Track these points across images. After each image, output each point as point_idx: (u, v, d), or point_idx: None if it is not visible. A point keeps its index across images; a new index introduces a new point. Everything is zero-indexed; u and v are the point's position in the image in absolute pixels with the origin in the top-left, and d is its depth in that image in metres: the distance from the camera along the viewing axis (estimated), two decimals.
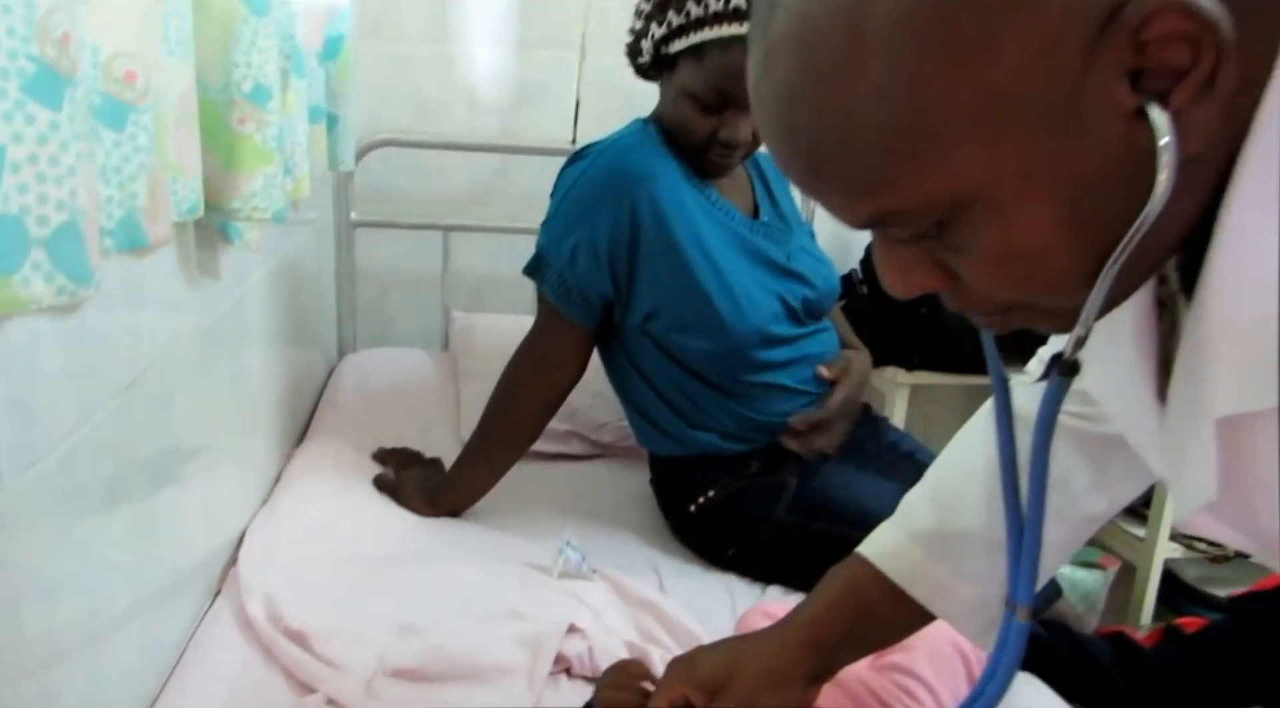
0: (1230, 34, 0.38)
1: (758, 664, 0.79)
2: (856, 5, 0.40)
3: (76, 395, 0.79)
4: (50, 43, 0.51)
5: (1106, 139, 0.41)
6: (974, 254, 0.45)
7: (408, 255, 2.00)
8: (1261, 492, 0.50)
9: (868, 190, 0.44)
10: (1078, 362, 0.51)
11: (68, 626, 0.80)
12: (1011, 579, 0.66)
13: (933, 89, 0.40)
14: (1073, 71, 0.39)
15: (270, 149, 0.96)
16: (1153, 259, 0.46)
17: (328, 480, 1.42)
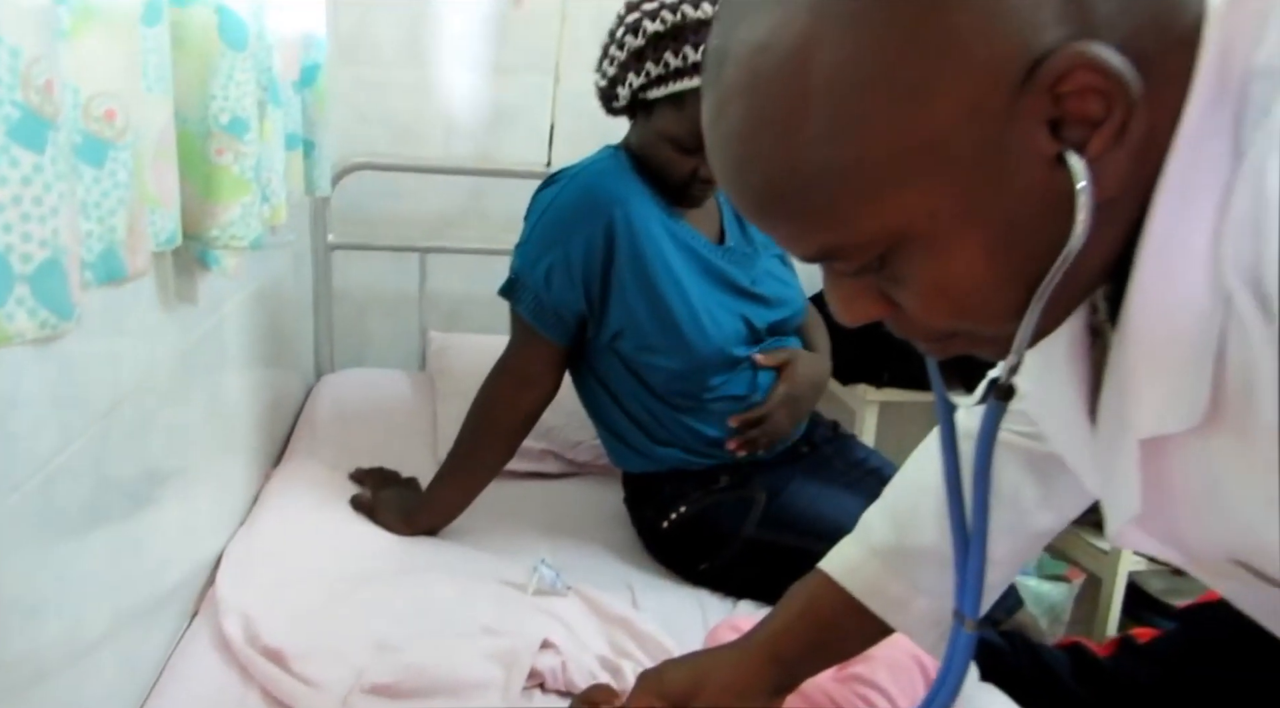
0: (1138, 89, 0.42)
1: (723, 677, 0.81)
2: (800, 60, 0.43)
3: (57, 422, 0.81)
4: (34, 89, 0.54)
5: (1031, 182, 0.44)
6: (913, 286, 0.49)
7: (385, 277, 2.02)
8: (1183, 507, 0.53)
9: (814, 228, 0.48)
10: (1013, 386, 0.55)
11: (49, 646, 0.82)
12: (958, 592, 0.69)
13: (871, 136, 0.43)
14: (999, 121, 0.43)
15: (247, 179, 0.99)
16: (1078, 291, 0.50)
17: (305, 501, 1.44)
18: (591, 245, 1.28)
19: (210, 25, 0.91)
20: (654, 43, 1.23)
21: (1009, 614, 1.35)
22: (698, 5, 1.23)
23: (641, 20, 1.25)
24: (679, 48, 1.22)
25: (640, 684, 0.83)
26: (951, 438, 0.68)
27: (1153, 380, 0.47)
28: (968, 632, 0.69)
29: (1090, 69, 0.41)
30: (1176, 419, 0.47)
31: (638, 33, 1.25)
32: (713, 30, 0.49)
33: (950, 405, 0.66)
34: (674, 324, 1.31)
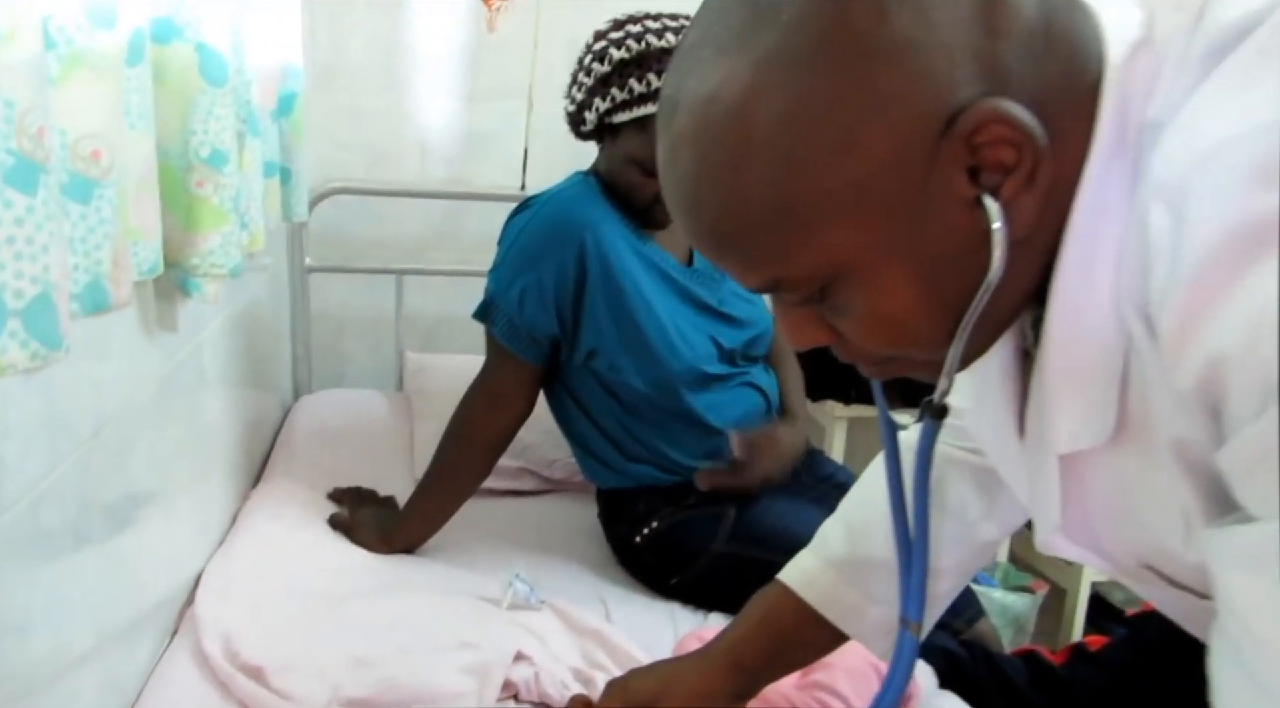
0: (1044, 140, 0.46)
1: (685, 686, 0.85)
2: (743, 112, 0.48)
3: (44, 447, 0.84)
4: (27, 137, 0.57)
5: (953, 222, 0.49)
6: (851, 315, 0.53)
7: (362, 299, 2.06)
8: (1099, 516, 0.58)
9: (759, 263, 0.52)
10: (946, 406, 0.59)
11: (35, 664, 0.85)
12: (903, 598, 0.73)
13: (807, 181, 0.48)
14: (922, 167, 0.47)
15: (227, 209, 1.02)
16: (1001, 319, 0.54)
17: (283, 520, 1.46)
18: (563, 269, 1.32)
19: (190, 63, 0.95)
20: (620, 69, 1.28)
21: (969, 624, 1.39)
22: (661, 35, 1.28)
23: (608, 48, 1.30)
24: (643, 74, 1.27)
25: (607, 692, 0.87)
26: (894, 453, 0.72)
27: (1067, 401, 0.52)
28: (912, 636, 0.73)
29: (1001, 122, 0.46)
30: (1088, 436, 0.52)
31: (604, 60, 1.30)
32: (666, 80, 0.53)
33: (893, 423, 0.71)
34: (645, 343, 1.35)
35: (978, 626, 1.41)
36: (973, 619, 1.41)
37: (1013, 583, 2.06)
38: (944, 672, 1.22)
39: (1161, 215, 0.43)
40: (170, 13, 0.93)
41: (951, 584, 0.85)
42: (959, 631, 1.38)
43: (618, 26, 1.32)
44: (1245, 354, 0.38)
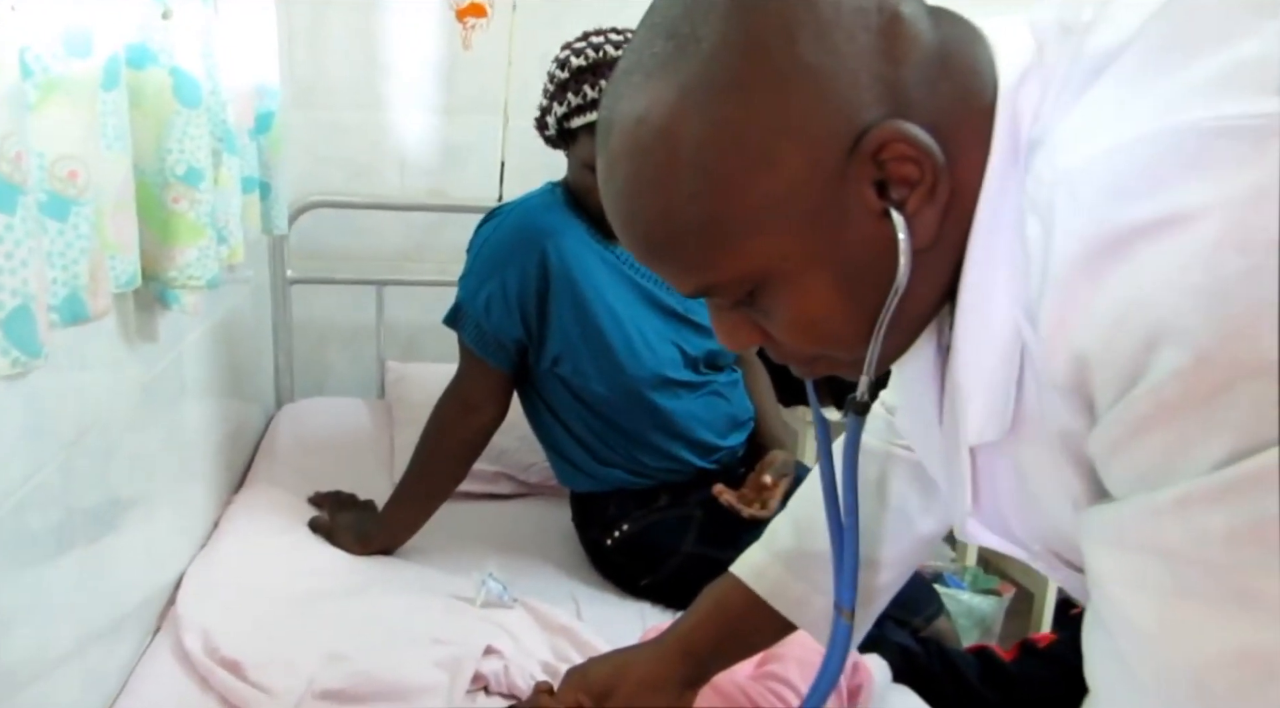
0: (940, 158, 0.51)
1: (639, 672, 0.90)
2: (668, 133, 0.52)
3: (27, 451, 0.88)
4: (5, 161, 0.62)
5: (864, 232, 0.53)
6: (777, 318, 0.57)
7: (343, 309, 2.10)
8: (1006, 504, 0.62)
9: (688, 270, 0.57)
10: (868, 402, 0.64)
11: (18, 661, 0.89)
12: (836, 585, 0.78)
13: (728, 196, 0.52)
14: (833, 182, 0.51)
15: (203, 224, 1.07)
16: (916, 320, 0.59)
17: (264, 524, 1.51)
18: (525, 277, 1.37)
19: (165, 86, 1.00)
20: (576, 76, 1.34)
21: (928, 622, 1.44)
22: (619, 47, 1.34)
23: (569, 57, 1.35)
24: (596, 81, 1.32)
25: (567, 680, 0.91)
26: (827, 448, 0.77)
27: (974, 397, 0.56)
28: (845, 622, 0.78)
29: (902, 141, 0.50)
30: (992, 430, 0.57)
31: (564, 67, 1.35)
32: (603, 102, 0.57)
33: (824, 420, 0.75)
34: (607, 349, 1.40)
35: (936, 623, 1.45)
36: (932, 617, 1.45)
37: (981, 586, 2.10)
38: (899, 667, 1.26)
39: (1035, 227, 0.48)
40: (145, 39, 0.97)
41: (893, 576, 0.89)
42: (918, 628, 1.42)
43: (583, 38, 1.37)
44: (1103, 351, 0.43)
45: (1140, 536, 0.43)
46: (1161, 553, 0.42)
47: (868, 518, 0.86)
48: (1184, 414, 0.40)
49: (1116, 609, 0.45)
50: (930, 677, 1.30)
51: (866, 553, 0.87)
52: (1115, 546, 0.45)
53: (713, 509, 1.46)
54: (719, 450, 1.54)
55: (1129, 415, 0.42)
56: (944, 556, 2.25)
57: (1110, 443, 0.44)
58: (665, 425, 1.46)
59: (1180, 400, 0.40)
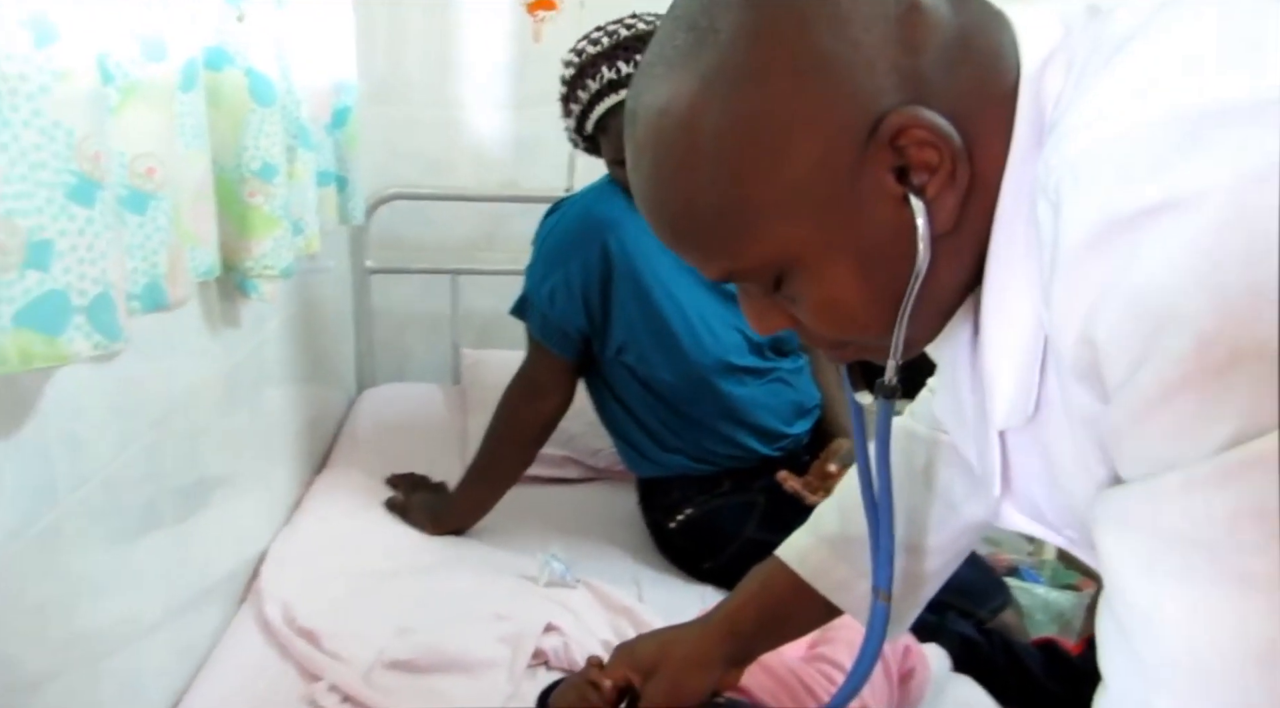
0: (959, 143, 0.51)
1: (683, 650, 0.91)
2: (689, 123, 0.53)
3: (116, 430, 0.95)
4: (85, 159, 0.67)
5: (884, 218, 0.53)
6: (803, 303, 0.58)
7: (421, 298, 2.17)
8: (1037, 487, 0.62)
9: (713, 257, 0.58)
10: (896, 386, 0.64)
11: (111, 625, 0.96)
12: (873, 569, 0.78)
13: (747, 183, 0.53)
14: (851, 169, 0.52)
15: (278, 216, 1.13)
16: (943, 305, 0.59)
17: (343, 504, 1.58)
18: (588, 268, 1.40)
19: (241, 86, 1.05)
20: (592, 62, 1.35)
21: (993, 614, 1.42)
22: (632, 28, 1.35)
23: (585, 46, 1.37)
24: (614, 63, 1.33)
25: (615, 655, 0.94)
26: (862, 433, 0.77)
27: (1002, 382, 0.57)
28: (882, 604, 0.78)
29: (919, 126, 0.51)
30: (1018, 415, 0.57)
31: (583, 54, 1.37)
32: (628, 94, 0.59)
33: (858, 404, 0.76)
34: (671, 337, 1.42)
35: (1002, 616, 1.43)
36: (997, 610, 1.43)
37: (1060, 581, 2.05)
38: (960, 656, 1.25)
39: (1045, 211, 0.48)
40: (222, 42, 1.03)
41: (941, 562, 0.89)
42: (983, 620, 1.40)
43: (598, 29, 1.39)
44: (1108, 334, 0.43)
45: (1144, 519, 0.44)
46: (1165, 536, 0.42)
47: (914, 504, 0.87)
48: (1186, 397, 0.40)
49: (1122, 593, 0.46)
50: (993, 668, 1.28)
51: (913, 539, 0.87)
52: (1121, 529, 0.45)
53: (776, 496, 1.47)
54: (784, 437, 1.54)
55: (1134, 399, 0.42)
56: (1021, 549, 2.20)
57: (1117, 427, 0.44)
58: (729, 412, 1.48)
59: (1182, 384, 0.40)
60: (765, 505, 1.47)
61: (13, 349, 0.65)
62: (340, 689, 1.09)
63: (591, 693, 0.90)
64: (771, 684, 1.02)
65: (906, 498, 0.87)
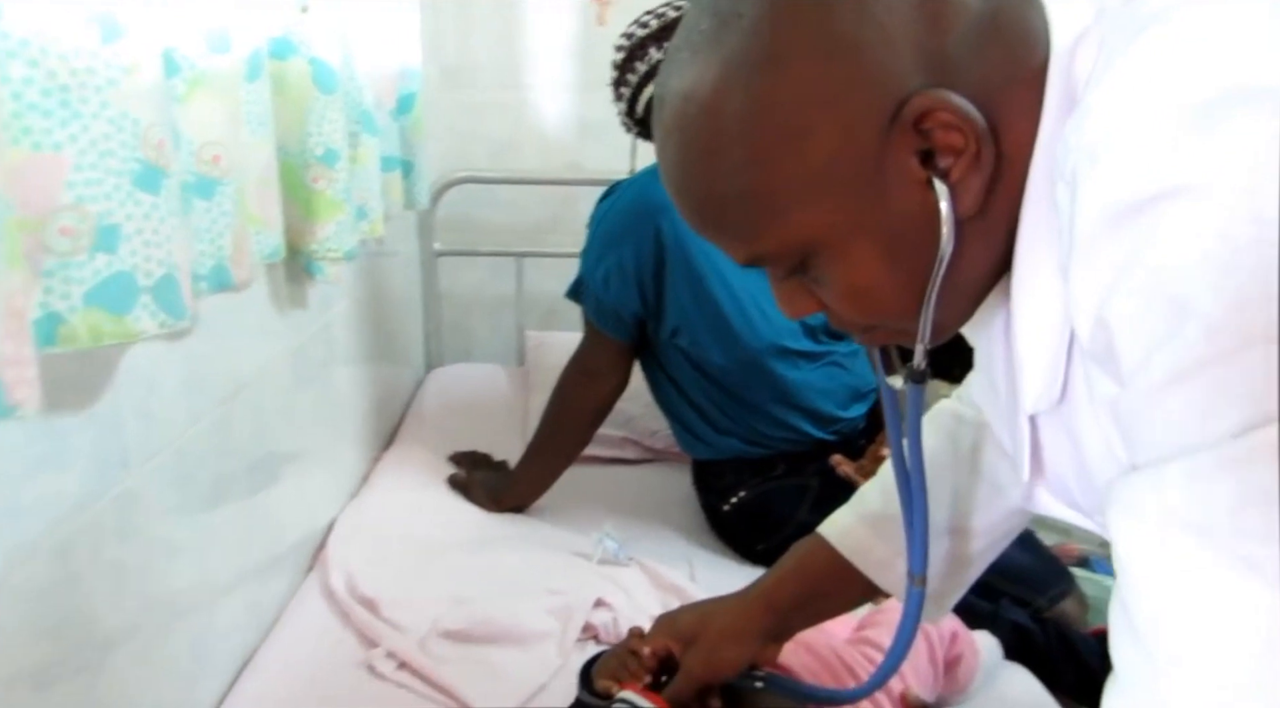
0: (983, 125, 0.51)
1: (723, 621, 0.93)
2: (713, 108, 0.54)
3: (187, 405, 1.00)
4: (151, 147, 0.72)
5: (909, 202, 0.53)
6: (829, 287, 0.58)
7: (487, 280, 2.22)
8: (1067, 470, 0.62)
9: (738, 240, 0.59)
10: (925, 370, 0.63)
11: (185, 589, 1.02)
12: (909, 554, 0.78)
13: (771, 168, 0.53)
14: (874, 153, 0.52)
15: (340, 200, 1.17)
16: (973, 289, 0.58)
17: (408, 480, 1.63)
18: (641, 252, 1.41)
19: (304, 74, 1.10)
20: (642, 44, 1.37)
21: (1052, 603, 1.39)
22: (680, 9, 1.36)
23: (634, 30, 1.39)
24: (643, 55, 1.36)
25: (656, 625, 0.96)
26: (896, 418, 0.77)
27: (1033, 366, 0.57)
28: (918, 589, 0.78)
29: (943, 109, 0.51)
30: (1046, 400, 0.57)
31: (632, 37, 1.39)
32: (657, 79, 0.60)
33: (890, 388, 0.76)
34: (724, 320, 1.43)
35: (1062, 605, 1.41)
36: (1057, 599, 1.41)
37: None
38: (1012, 644, 1.24)
39: (1064, 193, 0.48)
40: (286, 32, 1.07)
41: (986, 544, 0.88)
42: (1041, 609, 1.38)
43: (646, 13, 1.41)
44: (1121, 319, 0.43)
45: (1151, 505, 0.43)
46: (1170, 523, 0.42)
47: (959, 486, 0.86)
48: (1194, 383, 0.40)
49: (1129, 579, 0.45)
50: (1048, 657, 1.27)
51: (957, 521, 0.87)
52: (1129, 515, 0.45)
53: (829, 480, 1.47)
54: (839, 422, 1.54)
55: (1144, 383, 0.42)
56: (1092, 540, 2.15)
57: (1129, 411, 0.44)
58: (783, 396, 1.48)
59: (1191, 369, 0.40)
60: (818, 489, 1.48)
61: (83, 327, 0.69)
62: (396, 656, 1.13)
63: (632, 661, 0.92)
64: (814, 664, 1.03)
65: (951, 480, 0.87)
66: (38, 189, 0.65)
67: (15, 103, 0.63)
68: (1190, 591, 0.42)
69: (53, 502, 0.77)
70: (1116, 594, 0.48)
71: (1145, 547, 0.44)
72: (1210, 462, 0.40)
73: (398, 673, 1.12)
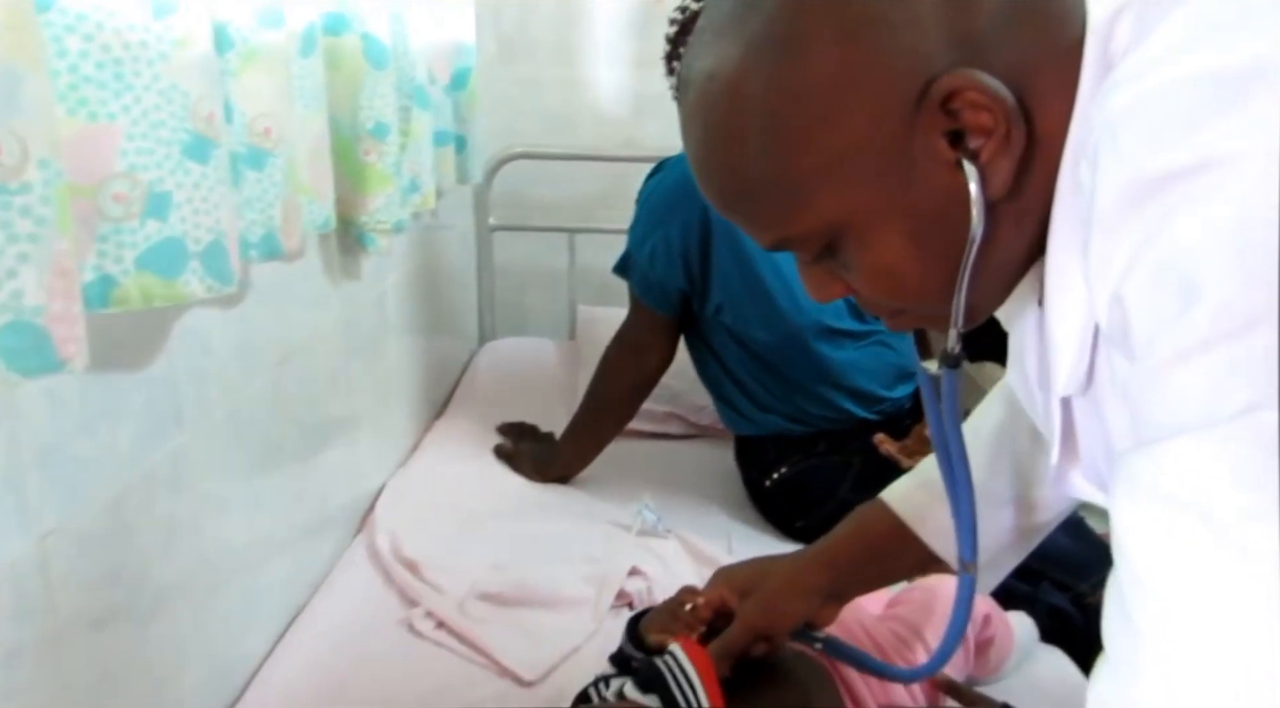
0: (1012, 104, 0.49)
1: (782, 575, 0.93)
2: (736, 90, 0.53)
3: (240, 368, 1.04)
4: (200, 119, 0.75)
5: (937, 183, 0.52)
6: (857, 271, 0.58)
7: (541, 255, 2.24)
8: (1099, 453, 0.62)
9: (763, 224, 0.58)
10: (959, 354, 0.63)
11: (235, 544, 1.06)
12: (959, 542, 0.78)
13: (795, 151, 0.52)
14: (901, 135, 0.51)
15: (390, 174, 1.20)
16: (1006, 272, 0.58)
17: (457, 448, 1.67)
18: (688, 229, 1.42)
19: (357, 50, 1.12)
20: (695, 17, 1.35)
21: (1094, 589, 1.38)
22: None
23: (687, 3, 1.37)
24: None
25: (714, 577, 0.97)
26: (935, 405, 0.76)
27: (1063, 350, 0.56)
28: (970, 576, 0.78)
29: (971, 88, 0.49)
30: (1075, 383, 0.56)
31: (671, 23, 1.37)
32: (681, 60, 0.59)
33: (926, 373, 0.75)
34: (769, 297, 1.43)
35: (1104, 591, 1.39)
36: (1099, 585, 1.39)
37: None
38: (1048, 627, 1.23)
39: (1086, 172, 0.47)
40: (341, 8, 1.10)
41: (1049, 517, 0.88)
42: (1083, 594, 1.37)
43: None
44: (1135, 295, 0.42)
45: (1148, 482, 0.43)
46: (1166, 500, 0.42)
47: (1022, 458, 0.86)
48: (1200, 362, 0.40)
49: (1122, 555, 0.45)
50: (1086, 641, 1.26)
51: (1020, 491, 0.86)
52: (1127, 491, 0.45)
53: (871, 459, 1.47)
54: (883, 401, 1.54)
55: (1152, 361, 0.42)
56: None
57: (1137, 388, 0.44)
58: (826, 375, 1.48)
59: (1197, 348, 0.39)
60: (860, 468, 1.48)
61: (135, 290, 0.73)
62: (435, 616, 1.17)
63: (685, 614, 0.92)
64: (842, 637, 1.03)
65: (1013, 450, 0.86)
66: (93, 157, 0.69)
67: (72, 75, 0.67)
68: (1181, 570, 0.42)
69: (107, 455, 0.82)
70: (1113, 573, 0.48)
71: (1140, 524, 0.44)
72: (1210, 442, 0.40)
73: (436, 632, 1.16)
